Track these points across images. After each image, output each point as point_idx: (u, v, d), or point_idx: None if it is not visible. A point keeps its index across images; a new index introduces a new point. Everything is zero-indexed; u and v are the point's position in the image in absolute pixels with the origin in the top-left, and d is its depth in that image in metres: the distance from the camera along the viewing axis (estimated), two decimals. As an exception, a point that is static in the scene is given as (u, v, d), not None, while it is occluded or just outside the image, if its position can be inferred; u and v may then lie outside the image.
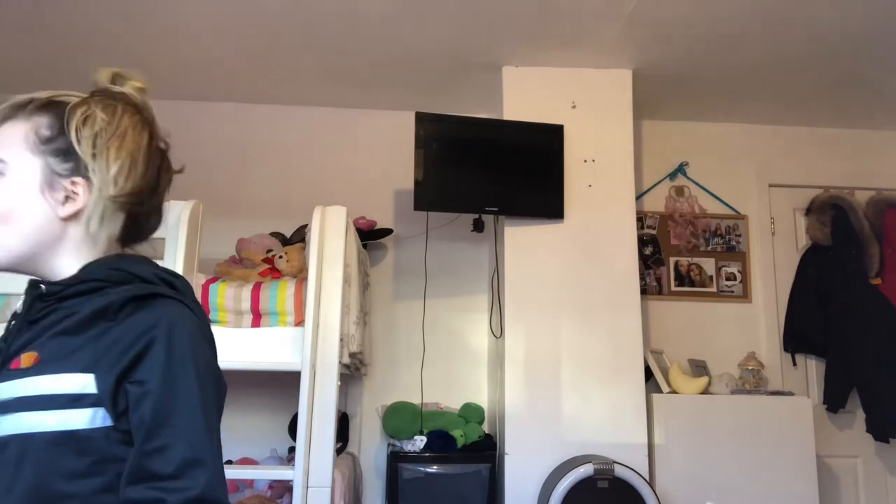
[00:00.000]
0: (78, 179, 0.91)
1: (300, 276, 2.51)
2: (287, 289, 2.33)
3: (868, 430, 3.12)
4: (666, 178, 3.46)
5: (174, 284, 0.95)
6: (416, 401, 3.02)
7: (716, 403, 2.84)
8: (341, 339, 2.31)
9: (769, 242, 3.42)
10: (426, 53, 2.89)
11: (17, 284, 2.23)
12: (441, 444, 2.78)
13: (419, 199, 2.74)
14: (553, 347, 2.79)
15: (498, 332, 2.94)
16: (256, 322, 2.31)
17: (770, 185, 3.48)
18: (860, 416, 3.18)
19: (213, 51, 2.89)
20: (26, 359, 0.87)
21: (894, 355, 3.09)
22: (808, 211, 3.44)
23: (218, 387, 0.93)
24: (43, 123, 0.91)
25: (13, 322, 0.94)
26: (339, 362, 2.28)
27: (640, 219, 3.35)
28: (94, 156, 0.90)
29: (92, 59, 2.89)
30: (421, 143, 2.75)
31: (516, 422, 2.73)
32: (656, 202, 3.43)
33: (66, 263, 0.93)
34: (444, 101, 3.28)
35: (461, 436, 2.81)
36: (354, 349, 2.54)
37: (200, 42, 2.82)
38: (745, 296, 3.36)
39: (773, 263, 3.41)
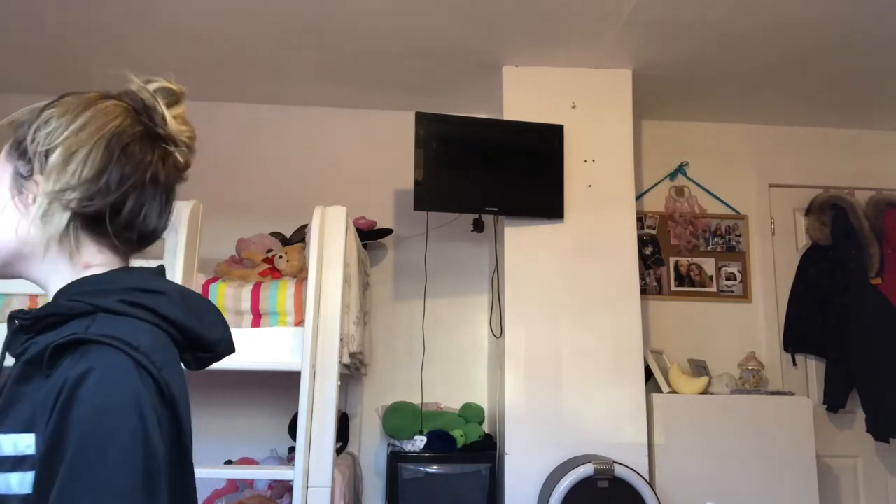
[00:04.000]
0: (39, 178, 0.84)
1: (300, 276, 2.51)
2: (287, 289, 2.33)
3: (868, 430, 3.12)
4: (666, 178, 3.46)
5: (148, 305, 0.84)
6: (416, 401, 3.02)
7: (716, 403, 2.84)
8: (341, 339, 2.31)
9: (769, 242, 3.42)
10: (426, 53, 2.89)
11: (18, 285, 2.22)
12: (441, 444, 2.78)
13: (419, 199, 2.74)
14: (553, 347, 2.79)
15: (498, 332, 2.94)
16: (256, 322, 2.32)
17: (770, 185, 3.48)
18: (860, 416, 3.18)
19: (213, 51, 2.89)
20: None
21: (894, 355, 3.10)
22: (808, 211, 3.44)
23: (150, 459, 0.72)
24: (19, 131, 0.87)
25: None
26: (339, 362, 2.28)
27: (640, 219, 3.35)
28: (47, 152, 0.83)
29: (93, 60, 2.92)
30: (421, 143, 2.75)
31: (516, 422, 2.73)
32: (656, 202, 3.43)
33: (46, 276, 0.87)
34: (444, 101, 3.28)
35: (461, 436, 2.81)
36: (354, 349, 2.54)
37: (201, 42, 2.82)
38: (745, 296, 3.36)
39: (773, 263, 3.41)
